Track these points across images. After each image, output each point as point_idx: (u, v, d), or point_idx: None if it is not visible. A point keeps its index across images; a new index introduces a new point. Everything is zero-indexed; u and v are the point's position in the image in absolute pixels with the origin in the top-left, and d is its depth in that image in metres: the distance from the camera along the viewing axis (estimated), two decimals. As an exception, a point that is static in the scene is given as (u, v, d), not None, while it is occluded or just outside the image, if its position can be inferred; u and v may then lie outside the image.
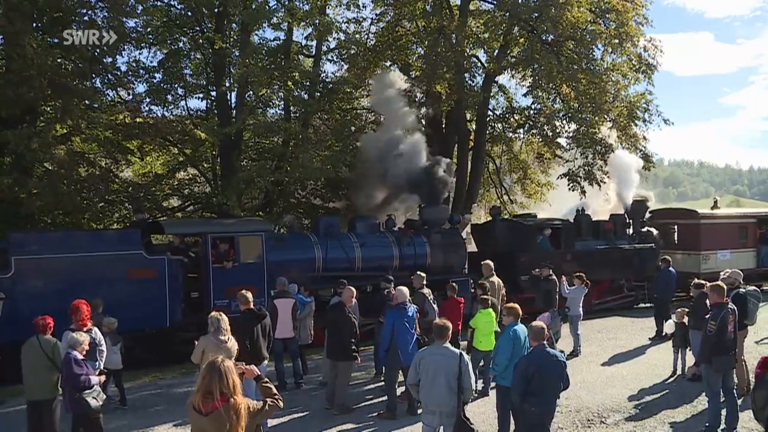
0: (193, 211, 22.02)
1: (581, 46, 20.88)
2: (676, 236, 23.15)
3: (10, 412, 10.36)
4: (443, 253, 17.74)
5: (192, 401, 4.41)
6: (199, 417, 4.34)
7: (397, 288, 10.65)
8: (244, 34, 19.67)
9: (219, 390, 4.31)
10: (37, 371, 8.19)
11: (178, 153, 21.58)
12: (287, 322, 11.80)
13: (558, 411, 8.71)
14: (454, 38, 20.27)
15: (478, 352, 11.07)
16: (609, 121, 22.27)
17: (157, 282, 13.68)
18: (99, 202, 19.10)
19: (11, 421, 9.94)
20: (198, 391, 4.37)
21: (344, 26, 22.03)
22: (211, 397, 4.31)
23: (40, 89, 15.13)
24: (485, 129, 24.10)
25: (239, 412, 4.34)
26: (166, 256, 14.07)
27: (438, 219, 18.27)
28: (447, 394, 7.01)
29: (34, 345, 8.26)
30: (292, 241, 16.22)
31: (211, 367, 4.40)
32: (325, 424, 9.77)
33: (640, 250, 21.55)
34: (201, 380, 4.39)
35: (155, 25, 19.85)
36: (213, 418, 4.29)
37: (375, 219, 18.01)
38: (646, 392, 11.29)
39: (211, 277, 14.34)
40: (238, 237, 14.75)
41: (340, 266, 15.93)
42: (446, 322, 7.54)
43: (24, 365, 8.30)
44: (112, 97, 19.50)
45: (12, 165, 16.14)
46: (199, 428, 4.40)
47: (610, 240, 21.26)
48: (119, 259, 13.36)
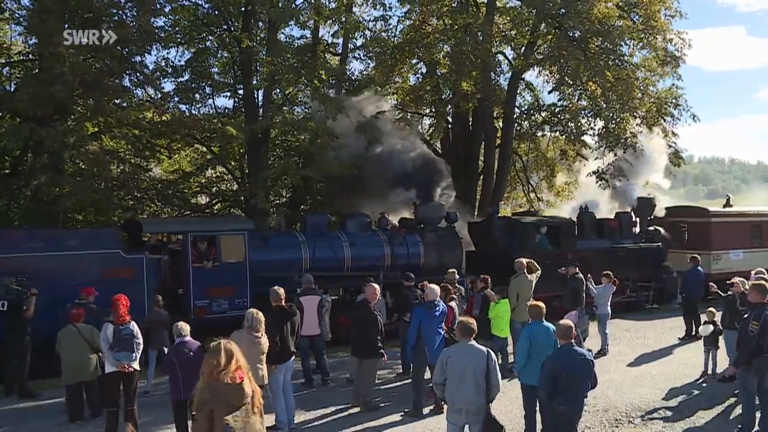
0: (221, 209, 22.24)
1: (608, 42, 20.61)
2: (686, 235, 21.93)
3: (43, 405, 10.49)
4: (438, 253, 17.09)
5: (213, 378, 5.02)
6: (225, 386, 4.96)
7: (427, 286, 10.63)
8: (271, 33, 19.81)
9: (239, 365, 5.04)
10: (79, 355, 9.44)
11: (206, 151, 21.80)
12: (313, 319, 11.74)
13: (585, 410, 8.63)
14: (480, 36, 20.19)
15: (499, 339, 11.76)
16: (638, 118, 21.94)
17: (135, 281, 13.27)
18: (129, 200, 19.39)
19: (50, 413, 10.12)
20: (219, 369, 5.01)
21: (371, 24, 22.09)
22: (226, 370, 4.98)
23: (71, 88, 15.34)
24: (512, 126, 23.99)
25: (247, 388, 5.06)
26: (144, 255, 13.77)
27: (433, 217, 17.65)
28: (474, 393, 6.98)
29: (73, 332, 9.51)
30: (277, 240, 15.75)
31: (227, 348, 5.12)
32: (351, 421, 9.79)
33: (645, 250, 20.67)
34: (221, 360, 5.04)
35: (183, 24, 20.10)
36: (237, 387, 4.95)
37: (366, 217, 17.36)
38: (676, 392, 11.15)
39: (191, 277, 13.99)
40: (220, 236, 14.41)
41: (328, 266, 15.39)
42: (471, 320, 7.52)
43: (65, 352, 9.47)
44: (140, 96, 19.74)
45: (46, 164, 16.43)
46: (224, 399, 4.96)
47: (615, 239, 20.27)
48: (96, 259, 13.07)
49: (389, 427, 9.52)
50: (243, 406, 5.04)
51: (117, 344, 8.71)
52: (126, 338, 8.77)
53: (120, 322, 8.82)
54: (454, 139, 25.29)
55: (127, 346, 8.76)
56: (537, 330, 8.33)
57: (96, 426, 9.57)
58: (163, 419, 9.62)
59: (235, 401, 5.01)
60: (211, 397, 4.99)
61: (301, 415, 9.85)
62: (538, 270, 13.34)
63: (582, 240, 19.63)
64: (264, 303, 13.44)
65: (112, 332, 8.72)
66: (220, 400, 4.97)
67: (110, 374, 8.80)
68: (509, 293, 12.89)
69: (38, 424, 9.87)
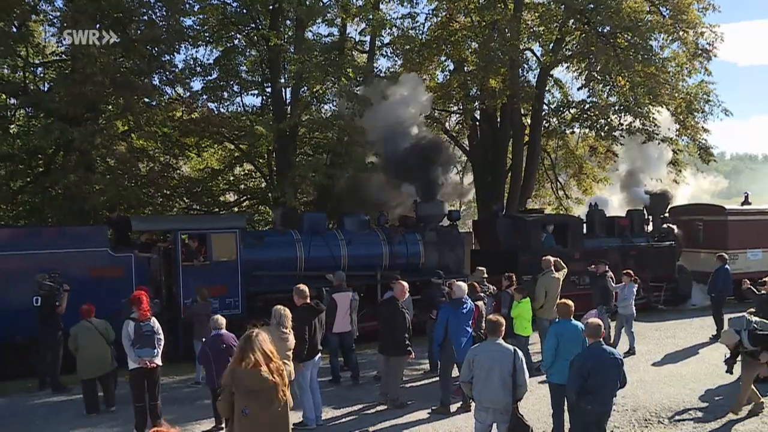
0: (249, 206, 22.41)
1: (637, 37, 20.33)
2: (702, 234, 21.55)
3: (76, 399, 10.68)
4: (438, 252, 16.72)
5: (235, 364, 5.35)
6: (244, 371, 5.25)
7: (455, 283, 10.61)
8: (298, 31, 19.92)
9: (259, 353, 5.27)
10: (97, 350, 9.89)
11: (234, 149, 21.98)
12: (345, 316, 11.78)
13: (614, 410, 8.56)
14: (508, 32, 20.06)
15: (522, 338, 11.65)
16: (668, 113, 21.66)
17: (124, 280, 13.15)
18: (159, 197, 19.62)
19: (81, 406, 10.27)
20: (240, 355, 5.33)
21: (398, 21, 22.08)
22: (250, 359, 5.23)
23: (102, 87, 15.55)
24: (540, 124, 23.83)
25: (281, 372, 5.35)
26: (133, 253, 13.64)
27: (435, 215, 17.25)
28: (501, 391, 6.95)
29: (89, 328, 9.91)
30: (272, 238, 15.63)
31: (246, 339, 5.38)
32: (378, 418, 9.81)
33: (658, 249, 20.06)
34: (243, 348, 5.36)
35: (211, 23, 20.28)
36: (257, 373, 5.24)
37: (364, 215, 17.08)
38: (707, 393, 10.99)
39: (180, 276, 13.77)
40: (210, 234, 14.19)
41: (324, 265, 14.90)
42: (499, 318, 7.49)
43: (83, 348, 9.79)
44: (170, 95, 19.95)
45: (77, 162, 16.70)
46: (242, 384, 5.26)
47: (626, 238, 19.79)
48: (83, 257, 12.97)
49: (416, 425, 9.52)
50: (262, 391, 5.27)
51: (138, 341, 8.81)
52: (147, 334, 8.87)
53: (142, 319, 8.92)
54: (482, 136, 25.19)
55: (148, 343, 8.85)
56: (565, 328, 8.29)
57: (112, 417, 9.83)
58: (188, 415, 9.78)
59: (252, 386, 5.26)
60: (232, 380, 5.33)
61: (329, 412, 9.90)
62: (565, 268, 13.26)
63: (591, 239, 19.24)
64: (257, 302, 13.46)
65: (134, 329, 8.82)
66: (239, 384, 5.28)
67: (133, 370, 8.91)
68: (537, 291, 12.84)
69: (70, 415, 10.06)
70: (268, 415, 5.32)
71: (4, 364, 12.28)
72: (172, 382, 11.80)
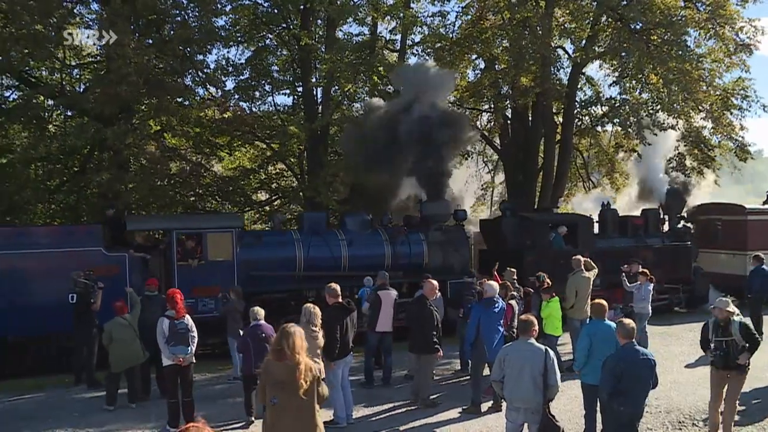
0: (281, 205, 22.55)
1: (672, 33, 19.95)
2: (721, 234, 20.79)
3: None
4: (443, 252, 16.43)
5: (269, 356, 5.77)
6: (274, 364, 5.62)
7: (486, 283, 10.56)
8: (329, 30, 19.99)
9: (287, 347, 5.56)
10: (128, 344, 10.24)
11: (266, 148, 22.13)
12: (388, 315, 11.66)
13: (647, 411, 8.46)
14: (539, 30, 19.88)
15: (552, 338, 11.58)
16: (701, 111, 21.25)
17: (117, 280, 12.94)
18: (191, 196, 19.84)
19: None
20: (273, 348, 5.74)
21: (428, 20, 22.02)
22: (282, 352, 5.57)
23: (136, 87, 15.77)
24: (572, 121, 23.58)
25: (306, 366, 5.59)
26: (127, 253, 13.54)
27: (440, 215, 16.91)
28: (532, 391, 6.91)
29: (122, 323, 10.25)
30: (270, 238, 15.46)
31: (282, 331, 5.71)
32: (409, 417, 9.80)
33: (673, 249, 19.34)
34: (275, 341, 5.77)
35: (243, 23, 20.45)
36: (286, 366, 5.54)
37: (366, 215, 16.69)
38: (743, 396, 10.69)
39: (176, 276, 13.61)
40: (206, 233, 14.06)
41: (323, 265, 14.85)
42: (531, 317, 7.44)
43: (116, 343, 10.12)
44: (202, 94, 20.17)
45: (110, 161, 16.96)
46: (272, 375, 5.62)
47: (639, 237, 19.19)
48: (77, 256, 12.84)
49: (447, 424, 9.50)
50: (289, 382, 5.52)
51: (173, 338, 8.92)
52: (181, 332, 8.97)
53: (177, 317, 9.03)
54: (513, 135, 25.03)
55: (182, 340, 8.96)
56: (598, 328, 8.19)
57: (145, 413, 10.01)
58: (221, 412, 9.87)
59: (282, 377, 5.56)
60: (264, 371, 5.77)
61: (360, 411, 9.91)
62: (595, 268, 13.11)
63: (603, 239, 18.71)
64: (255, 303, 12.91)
65: (168, 326, 8.93)
66: (270, 375, 5.66)
67: (167, 367, 9.05)
68: (567, 291, 12.72)
69: (104, 410, 10.23)
70: (294, 405, 5.56)
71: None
72: (204, 380, 11.93)
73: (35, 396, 11.28)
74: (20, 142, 19.20)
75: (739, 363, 8.47)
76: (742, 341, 8.45)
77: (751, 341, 8.50)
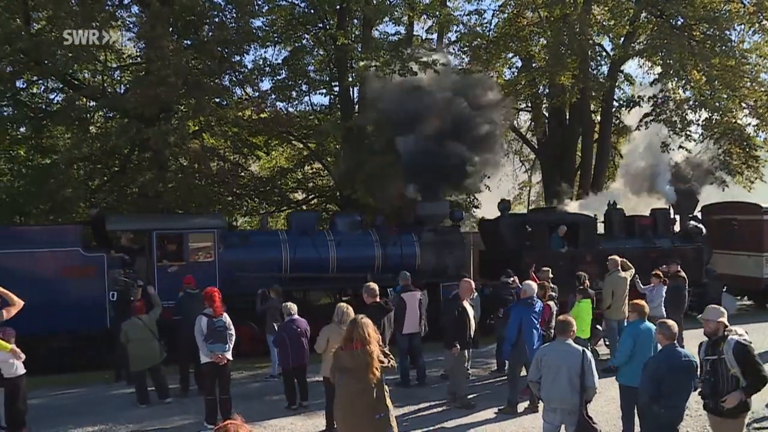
0: (317, 204, 22.65)
1: (715, 28, 19.47)
2: (736, 234, 19.93)
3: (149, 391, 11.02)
4: (436, 254, 15.96)
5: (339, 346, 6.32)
6: (343, 354, 6.15)
7: (524, 282, 10.51)
8: (365, 29, 20.01)
9: (357, 337, 6.05)
10: (146, 344, 10.41)
11: (302, 147, 22.25)
12: (415, 316, 11.66)
13: (687, 414, 8.28)
14: (578, 27, 19.62)
15: (580, 340, 11.04)
16: (746, 108, 20.72)
17: (97, 281, 12.89)
18: (228, 196, 20.05)
19: (153, 396, 10.64)
20: (345, 337, 6.24)
21: (465, 18, 21.91)
22: (351, 341, 6.07)
23: (175, 88, 15.99)
24: (610, 120, 23.25)
25: (372, 354, 6.04)
26: (104, 254, 13.30)
27: (435, 215, 16.50)
28: (569, 392, 6.84)
29: (139, 324, 10.45)
30: (256, 238, 15.24)
31: (353, 322, 6.25)
32: (444, 417, 9.78)
33: (683, 251, 18.34)
34: (346, 331, 6.29)
35: (280, 23, 20.60)
36: (351, 354, 6.06)
37: (357, 215, 16.47)
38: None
39: (156, 277, 13.41)
40: (187, 234, 13.81)
41: (311, 267, 14.62)
42: (569, 318, 7.36)
43: (133, 343, 10.35)
44: (239, 95, 20.35)
45: (150, 161, 17.23)
46: (341, 364, 6.17)
47: (647, 238, 18.44)
48: (55, 256, 12.72)
49: (483, 424, 9.46)
50: (355, 369, 6.04)
51: (211, 336, 9.02)
52: (219, 330, 9.07)
53: (215, 315, 9.12)
54: (551, 133, 24.80)
55: (220, 338, 9.06)
56: (641, 329, 8.06)
57: (184, 410, 10.19)
58: (258, 410, 9.95)
59: (348, 365, 6.10)
60: (334, 359, 6.41)
61: (395, 410, 9.86)
62: (632, 268, 12.91)
63: (608, 240, 18.04)
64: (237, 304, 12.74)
65: (206, 324, 9.03)
66: (338, 362, 6.25)
67: (205, 364, 9.16)
68: (604, 291, 12.58)
69: (142, 406, 10.41)
70: (360, 389, 6.05)
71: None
72: (241, 377, 12.05)
73: (77, 391, 11.55)
74: (63, 142, 19.61)
75: (724, 404, 6.51)
76: (735, 367, 6.43)
77: (751, 372, 6.41)
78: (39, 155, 19.51)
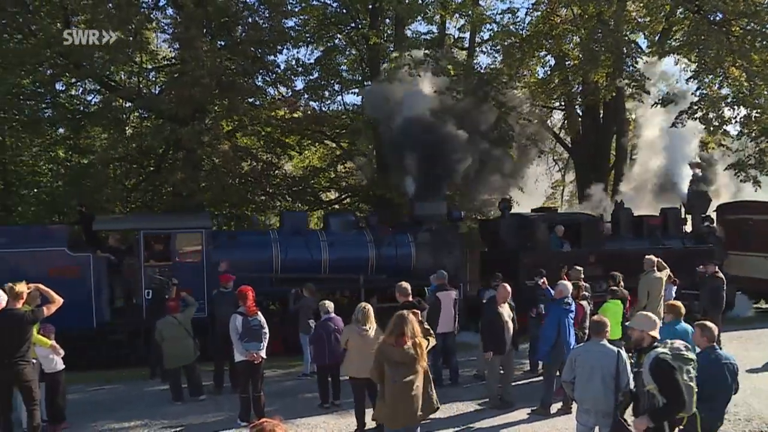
0: (350, 203, 22.72)
1: (755, 23, 18.97)
2: (752, 235, 19.02)
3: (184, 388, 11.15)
4: (432, 255, 15.46)
5: (385, 341, 6.51)
6: (393, 350, 6.36)
7: (559, 282, 10.42)
8: (398, 29, 20.01)
9: (406, 332, 6.34)
10: (180, 342, 10.44)
11: (335, 147, 22.33)
12: (450, 316, 11.57)
13: (726, 419, 8.11)
14: (612, 24, 19.35)
15: (612, 341, 10.95)
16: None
17: (82, 281, 12.79)
18: (261, 195, 20.21)
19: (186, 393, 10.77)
20: (392, 333, 6.43)
21: (497, 17, 21.80)
22: (400, 336, 6.34)
23: (209, 89, 16.16)
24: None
25: (421, 346, 6.43)
26: (90, 254, 13.16)
27: (432, 215, 16.01)
28: (602, 393, 6.73)
29: (173, 322, 10.49)
30: (246, 238, 15.06)
31: (401, 317, 6.45)
32: (477, 417, 9.73)
33: (694, 252, 17.47)
34: (393, 326, 6.44)
35: (312, 23, 20.70)
36: (402, 349, 6.32)
37: (351, 215, 16.27)
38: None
39: (143, 277, 13.28)
40: (175, 234, 13.61)
41: (302, 267, 14.26)
42: (604, 318, 7.26)
43: (167, 342, 10.42)
44: (272, 95, 20.51)
45: (184, 161, 17.46)
46: (392, 360, 6.35)
47: (656, 239, 17.64)
48: (41, 256, 12.59)
49: (516, 425, 9.38)
50: (404, 363, 6.32)
51: (246, 334, 9.07)
52: (255, 329, 9.11)
53: (250, 314, 9.18)
54: (585, 131, 24.54)
55: (255, 337, 9.10)
56: (678, 331, 7.93)
57: (218, 407, 10.24)
58: (291, 407, 10.03)
59: (396, 359, 6.34)
60: (380, 354, 6.49)
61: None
62: (666, 268, 12.71)
63: (614, 240, 17.46)
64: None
65: (241, 323, 9.09)
66: (387, 357, 6.40)
67: (240, 363, 9.21)
68: (639, 291, 12.40)
69: (177, 403, 10.52)
70: (410, 381, 6.33)
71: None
72: (274, 376, 12.11)
73: (113, 387, 11.73)
74: (100, 143, 19.98)
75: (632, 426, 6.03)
76: (651, 384, 5.71)
77: (666, 392, 5.65)
78: (77, 155, 19.90)
